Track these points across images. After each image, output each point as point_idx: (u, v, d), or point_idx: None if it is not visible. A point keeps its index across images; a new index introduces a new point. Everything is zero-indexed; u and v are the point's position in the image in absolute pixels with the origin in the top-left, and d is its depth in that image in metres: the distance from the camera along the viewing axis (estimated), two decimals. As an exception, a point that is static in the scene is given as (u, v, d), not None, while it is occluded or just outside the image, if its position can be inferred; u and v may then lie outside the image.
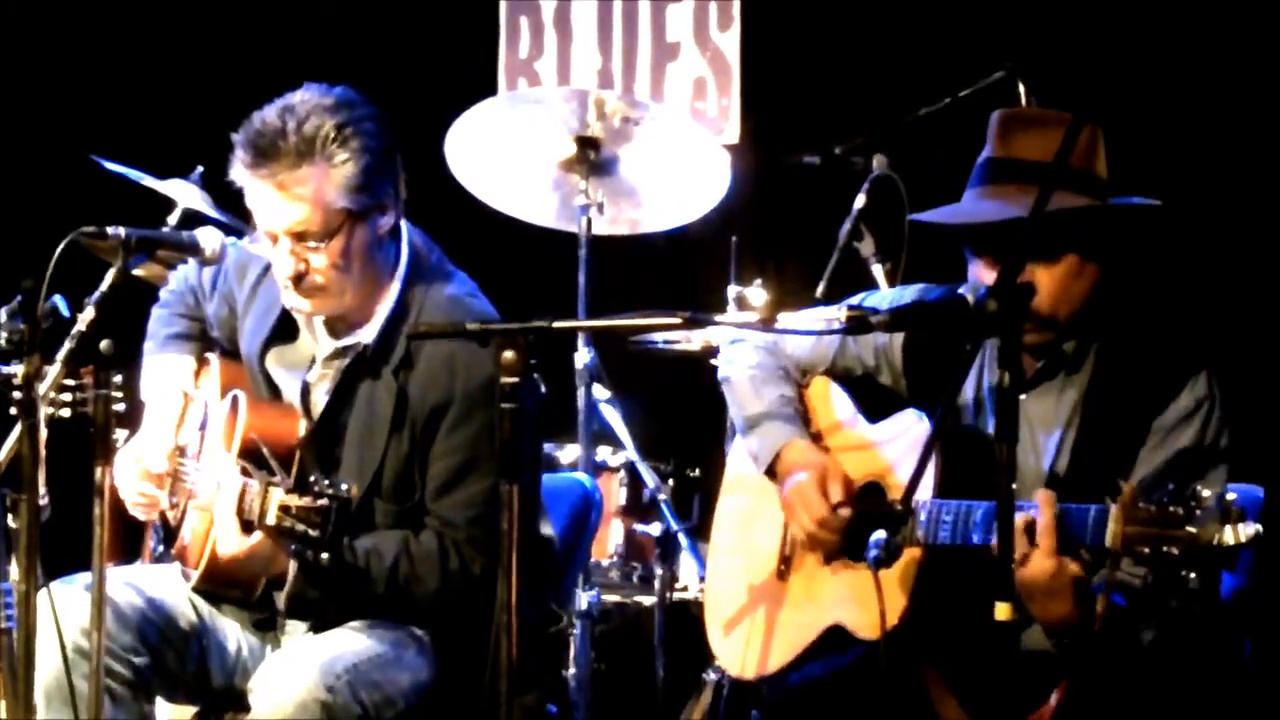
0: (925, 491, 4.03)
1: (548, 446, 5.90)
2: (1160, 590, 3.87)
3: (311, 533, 4.00)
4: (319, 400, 4.41)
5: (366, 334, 4.35)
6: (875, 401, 4.37)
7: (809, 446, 4.36)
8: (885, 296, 4.43)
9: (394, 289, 4.36)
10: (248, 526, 4.15)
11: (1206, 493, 3.66)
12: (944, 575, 4.05)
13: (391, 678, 4.22)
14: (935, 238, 4.23)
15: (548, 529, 4.58)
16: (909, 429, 4.25)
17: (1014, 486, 3.38)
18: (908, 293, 4.34)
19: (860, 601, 4.14)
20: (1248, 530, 3.64)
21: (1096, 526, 3.79)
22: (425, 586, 4.26)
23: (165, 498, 4.44)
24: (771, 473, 4.39)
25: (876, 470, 4.28)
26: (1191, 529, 3.63)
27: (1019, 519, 3.81)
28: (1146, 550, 3.68)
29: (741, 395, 4.51)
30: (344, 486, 4.02)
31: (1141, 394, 4.08)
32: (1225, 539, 3.63)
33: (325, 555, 4.01)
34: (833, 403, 4.46)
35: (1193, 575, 3.65)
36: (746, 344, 4.56)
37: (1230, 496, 3.67)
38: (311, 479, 4.04)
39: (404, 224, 4.40)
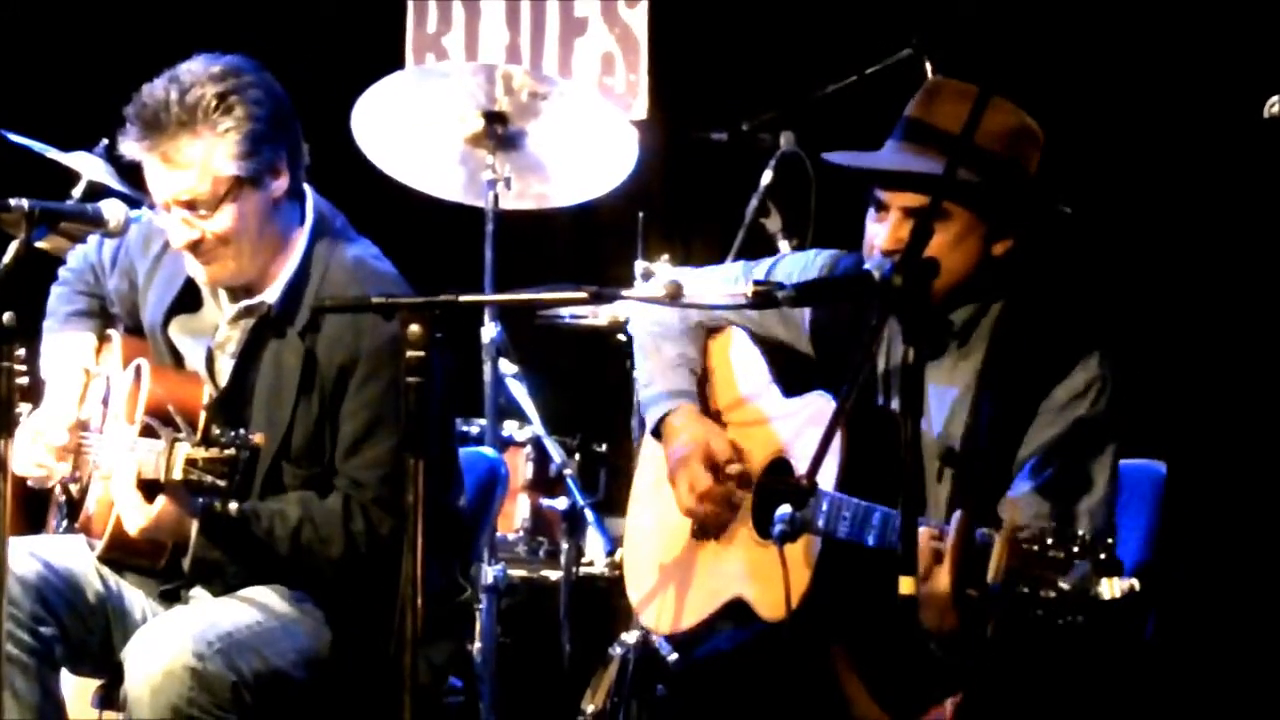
0: (831, 467, 4.02)
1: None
2: (1043, 623, 3.86)
3: (220, 483, 3.98)
4: (224, 366, 4.38)
5: (270, 294, 4.33)
6: (794, 368, 4.36)
7: (695, 414, 4.37)
8: (795, 264, 4.40)
9: (297, 250, 4.34)
10: (150, 493, 4.12)
11: (1088, 537, 3.67)
12: (848, 554, 4.05)
13: (277, 648, 4.19)
14: (842, 213, 4.23)
15: (461, 500, 4.57)
16: (812, 402, 4.24)
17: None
18: (817, 260, 4.34)
19: (764, 578, 4.14)
20: (1123, 585, 3.64)
21: (981, 557, 3.77)
22: (329, 548, 4.23)
23: (65, 469, 4.40)
24: (658, 434, 4.40)
25: (781, 446, 4.29)
26: (1065, 585, 3.64)
27: (924, 533, 3.81)
28: (1026, 590, 3.68)
29: (640, 351, 4.51)
30: (250, 437, 4.00)
31: (1035, 371, 4.09)
32: (1101, 593, 3.64)
33: (234, 506, 4.00)
34: (742, 365, 4.44)
35: (1071, 620, 3.66)
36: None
37: (1110, 541, 3.68)
38: (217, 432, 4.03)
39: (309, 188, 4.38)
